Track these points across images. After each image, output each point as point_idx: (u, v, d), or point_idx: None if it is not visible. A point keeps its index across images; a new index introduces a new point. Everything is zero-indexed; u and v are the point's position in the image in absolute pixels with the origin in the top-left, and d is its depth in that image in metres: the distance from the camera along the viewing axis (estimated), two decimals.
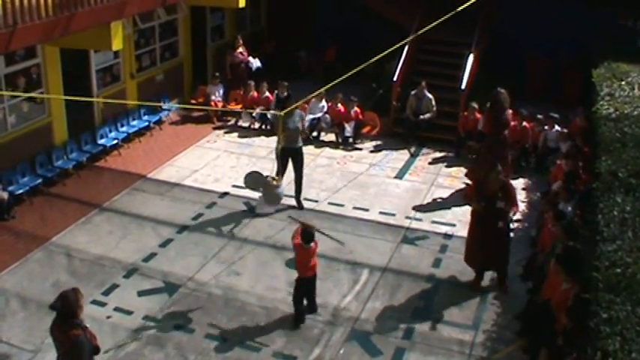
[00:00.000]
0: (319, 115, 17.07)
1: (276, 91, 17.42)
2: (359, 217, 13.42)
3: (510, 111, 13.83)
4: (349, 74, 11.39)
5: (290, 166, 13.41)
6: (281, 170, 13.14)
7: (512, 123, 15.82)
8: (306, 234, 9.96)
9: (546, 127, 15.44)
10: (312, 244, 10.00)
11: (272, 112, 12.69)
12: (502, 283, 11.10)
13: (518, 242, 12.02)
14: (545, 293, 9.15)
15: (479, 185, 11.04)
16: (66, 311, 7.26)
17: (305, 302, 10.33)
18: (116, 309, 10.40)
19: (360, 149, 16.81)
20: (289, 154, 13.20)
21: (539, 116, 15.69)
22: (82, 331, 7.31)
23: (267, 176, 12.11)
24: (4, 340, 9.58)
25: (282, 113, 11.87)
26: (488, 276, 11.37)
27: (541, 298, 9.26)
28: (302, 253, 10.03)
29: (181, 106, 18.34)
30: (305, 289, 10.25)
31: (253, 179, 11.93)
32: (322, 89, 12.41)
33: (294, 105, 12.80)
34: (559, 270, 8.76)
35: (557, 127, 15.29)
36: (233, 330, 10.01)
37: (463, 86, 16.97)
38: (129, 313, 10.31)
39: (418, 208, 13.75)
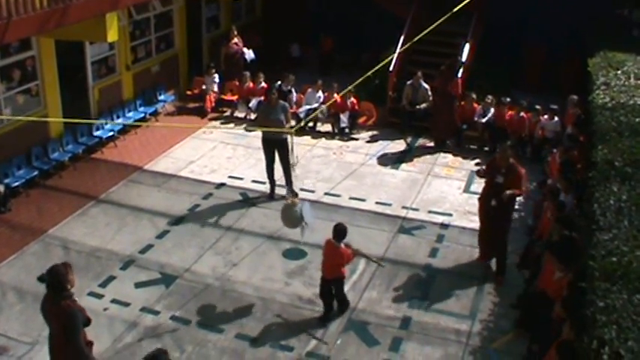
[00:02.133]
0: (315, 105, 17.04)
1: (279, 82, 17.25)
2: (355, 207, 13.42)
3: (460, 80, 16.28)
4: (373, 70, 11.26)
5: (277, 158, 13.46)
6: (269, 163, 13.14)
7: (510, 112, 15.92)
8: (340, 230, 9.82)
9: (546, 117, 15.44)
10: (344, 245, 9.85)
11: (285, 129, 12.57)
12: (497, 274, 11.14)
13: (516, 231, 12.04)
14: (540, 282, 9.18)
15: (492, 159, 11.32)
16: (55, 284, 7.36)
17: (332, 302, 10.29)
18: (113, 301, 10.40)
19: (357, 139, 16.81)
20: (274, 146, 13.19)
21: (538, 107, 15.71)
22: (75, 303, 7.43)
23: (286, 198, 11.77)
24: (1, 333, 9.58)
25: (293, 131, 11.75)
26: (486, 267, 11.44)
27: (537, 287, 9.29)
28: (333, 251, 9.88)
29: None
30: (333, 288, 10.13)
31: (288, 217, 11.20)
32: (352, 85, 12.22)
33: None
34: (552, 259, 8.81)
35: (556, 118, 15.31)
36: (230, 321, 10.02)
37: (459, 76, 16.92)
38: (126, 304, 10.31)
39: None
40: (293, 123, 13.62)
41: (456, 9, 11.49)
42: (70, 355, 7.51)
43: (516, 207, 12.93)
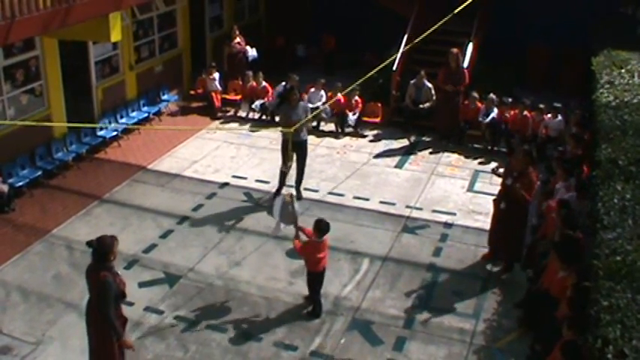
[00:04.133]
0: (319, 104, 17.03)
1: (283, 83, 17.19)
2: (359, 206, 13.42)
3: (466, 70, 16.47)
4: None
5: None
6: (287, 162, 13.03)
7: (513, 112, 15.92)
8: (322, 225, 9.82)
9: (549, 116, 15.41)
10: (323, 239, 9.88)
11: (281, 129, 12.44)
12: (504, 268, 11.19)
13: None
14: (544, 282, 9.18)
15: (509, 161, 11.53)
16: (99, 252, 7.81)
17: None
18: None
19: (366, 136, 16.83)
20: (293, 147, 13.07)
21: (541, 105, 15.70)
22: (110, 274, 7.81)
23: (283, 195, 11.63)
24: (5, 333, 9.59)
25: (291, 130, 11.60)
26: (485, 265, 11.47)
27: (540, 287, 9.28)
28: (314, 247, 9.92)
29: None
30: (318, 282, 10.17)
31: (284, 212, 10.74)
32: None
33: (303, 121, 12.56)
34: (556, 258, 8.81)
35: (560, 117, 15.29)
36: (234, 320, 10.03)
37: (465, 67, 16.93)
38: (130, 304, 10.23)
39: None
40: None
41: (459, 8, 11.48)
42: (99, 323, 7.94)
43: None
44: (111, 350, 8.06)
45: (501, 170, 11.65)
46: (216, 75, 18.12)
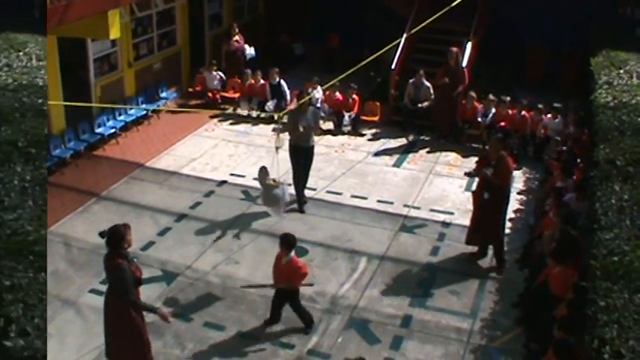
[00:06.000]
0: (317, 104, 17.01)
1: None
2: (357, 205, 13.42)
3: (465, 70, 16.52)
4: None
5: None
6: (295, 168, 12.97)
7: (511, 112, 15.93)
8: (287, 239, 9.47)
9: (549, 116, 15.41)
10: (293, 255, 9.53)
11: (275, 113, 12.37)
12: (497, 265, 11.23)
13: (517, 230, 12.04)
14: (543, 276, 9.22)
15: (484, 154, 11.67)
16: (112, 240, 8.05)
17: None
18: None
19: (364, 134, 16.84)
20: (301, 153, 13.00)
21: (540, 106, 15.71)
22: (125, 261, 8.04)
23: (272, 178, 12.07)
24: None
25: (282, 114, 11.56)
26: (487, 263, 11.46)
27: (539, 282, 9.31)
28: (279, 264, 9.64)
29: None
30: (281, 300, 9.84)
31: (262, 174, 12.19)
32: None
33: (303, 100, 12.60)
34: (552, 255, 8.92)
35: (559, 117, 15.30)
36: (231, 318, 10.03)
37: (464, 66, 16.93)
38: None
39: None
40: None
41: (454, 3, 11.51)
42: (118, 310, 8.15)
43: (520, 206, 13.07)
44: (138, 333, 8.28)
45: (474, 172, 11.72)
46: (220, 72, 18.15)
